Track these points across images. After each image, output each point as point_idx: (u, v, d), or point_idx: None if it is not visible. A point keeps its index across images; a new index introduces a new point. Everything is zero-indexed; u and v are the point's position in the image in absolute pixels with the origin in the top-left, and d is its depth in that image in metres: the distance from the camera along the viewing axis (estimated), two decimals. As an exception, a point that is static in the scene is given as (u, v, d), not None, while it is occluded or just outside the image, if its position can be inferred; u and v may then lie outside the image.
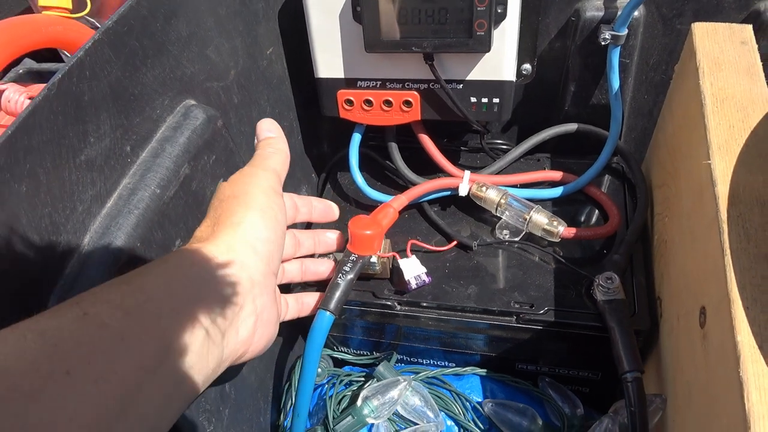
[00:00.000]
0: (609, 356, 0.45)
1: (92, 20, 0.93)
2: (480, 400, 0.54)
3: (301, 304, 0.46)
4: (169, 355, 0.28)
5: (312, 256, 0.49)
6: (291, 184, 0.59)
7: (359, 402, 0.51)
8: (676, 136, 0.48)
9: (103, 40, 0.34)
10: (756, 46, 0.45)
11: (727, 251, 0.35)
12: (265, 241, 0.35)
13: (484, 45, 0.46)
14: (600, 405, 0.52)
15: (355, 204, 0.61)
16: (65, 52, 0.86)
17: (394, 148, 0.58)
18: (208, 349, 0.30)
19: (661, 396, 0.44)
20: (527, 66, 0.55)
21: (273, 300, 0.36)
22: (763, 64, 0.44)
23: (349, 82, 0.53)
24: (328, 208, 0.48)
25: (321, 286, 0.49)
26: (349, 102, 0.53)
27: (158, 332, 0.28)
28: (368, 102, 0.53)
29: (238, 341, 0.33)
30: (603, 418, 0.46)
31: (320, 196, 0.63)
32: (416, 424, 0.52)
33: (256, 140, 0.42)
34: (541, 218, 0.52)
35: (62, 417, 0.23)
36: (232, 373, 0.48)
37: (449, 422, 0.53)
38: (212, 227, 0.35)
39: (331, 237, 0.49)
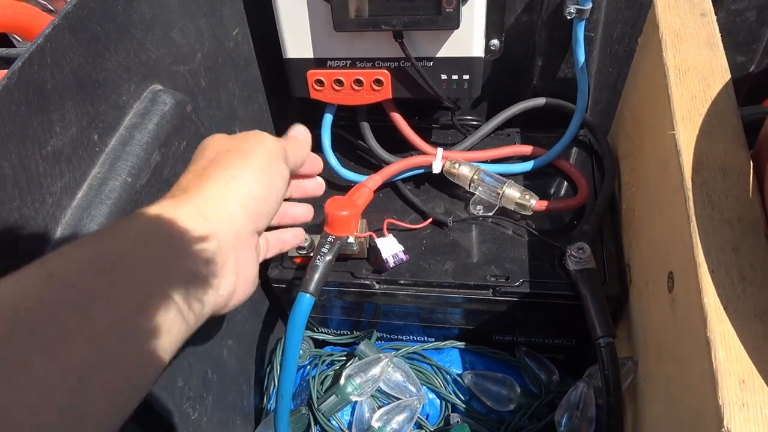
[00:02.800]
0: (582, 323, 0.47)
1: (44, 2, 0.89)
2: (460, 372, 0.55)
3: (282, 242, 0.45)
4: (145, 315, 0.27)
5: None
6: (263, 168, 0.59)
7: (342, 381, 0.52)
8: (640, 108, 0.50)
9: (63, 25, 0.33)
10: (715, 17, 0.46)
11: (693, 218, 0.36)
12: (258, 200, 0.34)
13: (453, 21, 0.46)
14: (575, 370, 0.54)
15: (329, 185, 0.61)
16: (16, 36, 0.82)
17: (366, 127, 0.58)
18: (188, 306, 0.29)
19: (633, 359, 0.46)
20: (495, 41, 0.56)
21: (255, 258, 0.35)
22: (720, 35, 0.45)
23: (319, 62, 0.52)
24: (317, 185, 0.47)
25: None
26: (320, 82, 0.53)
27: (133, 291, 0.27)
28: (339, 82, 0.53)
29: (218, 296, 0.32)
30: (578, 383, 0.48)
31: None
32: (399, 399, 0.53)
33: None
34: (513, 192, 0.53)
35: (25, 376, 0.22)
36: (213, 358, 0.49)
37: (431, 395, 0.54)
38: (200, 177, 0.33)
39: (300, 210, 0.47)
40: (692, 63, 0.43)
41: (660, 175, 0.43)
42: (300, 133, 0.43)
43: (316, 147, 0.58)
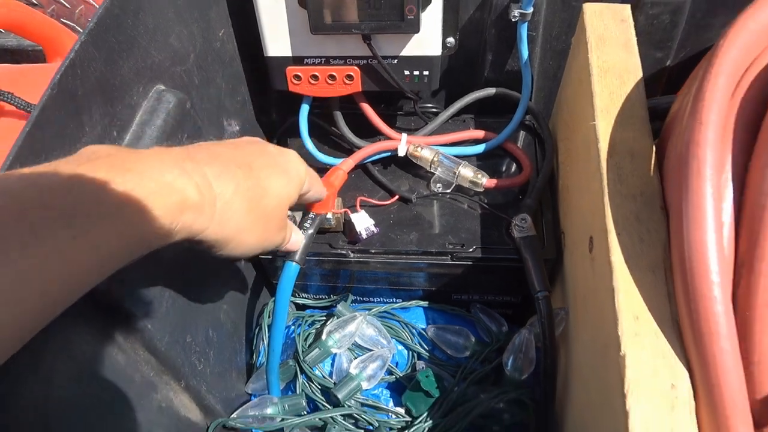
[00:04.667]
0: (525, 282, 0.56)
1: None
2: (424, 326, 0.64)
3: None
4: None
5: None
6: (246, 152, 0.66)
7: (324, 336, 0.61)
8: (572, 99, 0.59)
9: (88, 41, 0.39)
10: (633, 23, 0.55)
11: (606, 193, 0.45)
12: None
13: (413, 27, 0.54)
14: (521, 323, 0.64)
15: (305, 167, 0.68)
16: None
17: (339, 116, 0.65)
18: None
19: (565, 309, 0.56)
20: (451, 39, 0.63)
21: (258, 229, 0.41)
22: (639, 38, 0.54)
23: (297, 60, 0.59)
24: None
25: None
26: (297, 77, 0.60)
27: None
28: (314, 77, 0.60)
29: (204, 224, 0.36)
30: (521, 330, 0.58)
31: (273, 161, 0.70)
32: (372, 350, 0.62)
33: None
34: (467, 172, 0.62)
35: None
36: (213, 320, 0.56)
37: (400, 347, 0.63)
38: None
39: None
40: (612, 63, 0.52)
41: (584, 157, 0.52)
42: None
43: (295, 134, 0.66)
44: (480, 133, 0.67)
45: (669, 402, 0.37)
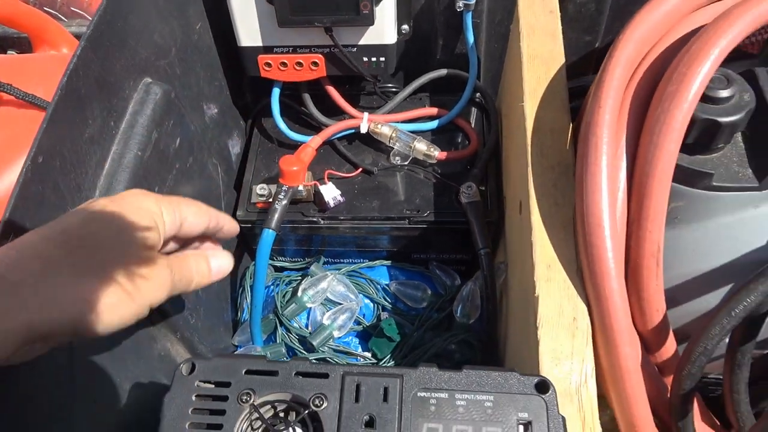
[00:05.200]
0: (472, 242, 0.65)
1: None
2: (387, 282, 0.74)
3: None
4: None
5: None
6: (224, 132, 0.73)
7: (299, 293, 0.70)
8: (509, 81, 0.67)
9: (88, 46, 0.46)
10: (559, 14, 0.63)
11: (530, 164, 0.54)
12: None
13: (368, 20, 0.61)
14: (472, 276, 0.73)
15: (278, 144, 0.76)
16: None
17: (307, 98, 0.72)
18: None
19: (504, 263, 0.65)
20: (405, 26, 0.71)
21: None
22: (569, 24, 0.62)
23: (267, 49, 0.66)
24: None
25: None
26: (268, 64, 0.67)
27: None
28: (283, 64, 0.67)
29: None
30: (468, 282, 0.67)
31: (248, 139, 0.77)
32: (342, 304, 0.71)
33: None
34: (421, 146, 0.70)
35: None
36: (202, 281, 0.64)
37: (366, 300, 0.73)
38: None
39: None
40: (539, 51, 0.60)
41: (516, 133, 0.60)
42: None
43: (268, 114, 0.73)
44: (434, 111, 0.75)
45: (571, 332, 0.47)
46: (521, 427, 0.30)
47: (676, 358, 0.51)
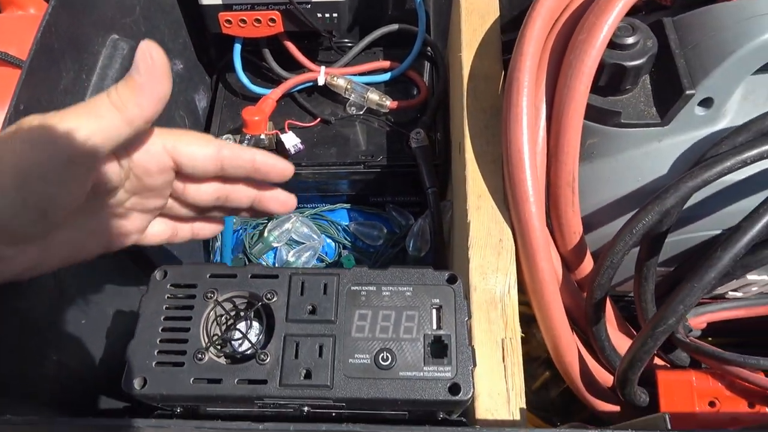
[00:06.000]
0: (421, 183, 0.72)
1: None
2: (347, 223, 0.80)
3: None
4: None
5: None
6: (190, 87, 0.78)
7: (266, 233, 0.76)
8: (452, 34, 0.73)
9: (57, 5, 0.51)
10: (496, -30, 0.68)
11: (465, 107, 0.60)
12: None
13: (320, -22, 0.66)
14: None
15: (242, 97, 0.81)
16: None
17: (267, 53, 0.77)
18: None
19: (449, 201, 0.72)
20: (357, -16, 0.76)
21: None
22: None
23: (227, 7, 0.70)
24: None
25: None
26: (229, 21, 0.72)
27: None
28: (243, 21, 0.72)
29: None
30: (418, 220, 0.74)
31: (214, 94, 0.82)
32: (306, 243, 0.78)
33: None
34: (375, 96, 0.76)
35: None
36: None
37: (328, 240, 0.80)
38: None
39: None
40: (477, 5, 0.66)
41: (456, 81, 0.67)
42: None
43: (231, 69, 0.78)
44: (386, 64, 0.80)
45: (497, 251, 0.55)
46: (434, 310, 0.37)
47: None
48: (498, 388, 0.50)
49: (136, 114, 0.34)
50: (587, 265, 0.61)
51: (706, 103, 0.53)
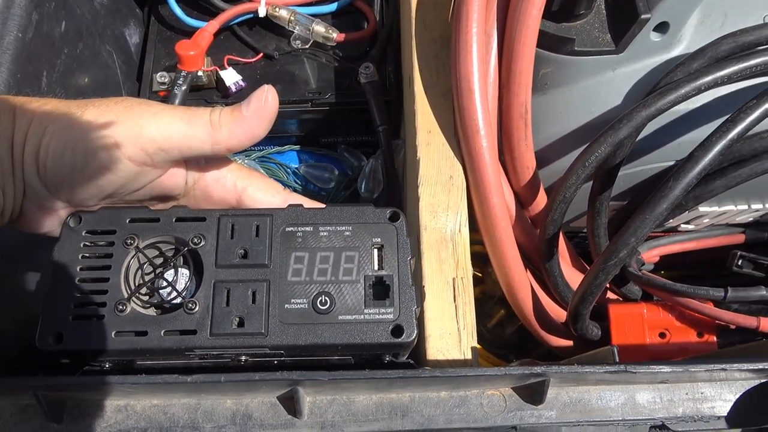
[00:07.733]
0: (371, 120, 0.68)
1: None
2: (297, 166, 0.77)
3: None
4: None
5: None
6: (119, 19, 0.71)
7: (209, 178, 0.72)
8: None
9: None
10: None
11: (413, 38, 0.57)
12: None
13: None
14: (377, 156, 0.78)
15: (177, 32, 0.75)
16: None
17: (202, -19, 0.71)
18: None
19: (402, 139, 0.69)
20: None
21: None
22: None
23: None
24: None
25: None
26: (155, -55, 0.65)
27: None
28: (172, -54, 0.65)
29: None
30: (370, 159, 0.71)
31: (146, 29, 0.76)
32: (254, 187, 0.74)
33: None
34: (320, 28, 0.71)
35: None
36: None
37: (277, 184, 0.76)
38: None
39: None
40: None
41: (405, 9, 0.62)
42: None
43: (165, 0, 0.72)
44: (333, -7, 0.75)
45: (448, 188, 0.53)
46: (375, 250, 0.35)
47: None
48: (449, 328, 0.49)
49: (224, 138, 0.36)
50: (541, 201, 0.59)
51: (662, 27, 0.51)
